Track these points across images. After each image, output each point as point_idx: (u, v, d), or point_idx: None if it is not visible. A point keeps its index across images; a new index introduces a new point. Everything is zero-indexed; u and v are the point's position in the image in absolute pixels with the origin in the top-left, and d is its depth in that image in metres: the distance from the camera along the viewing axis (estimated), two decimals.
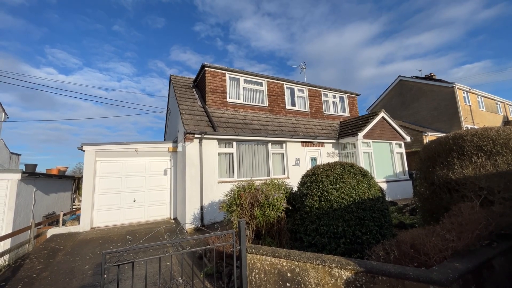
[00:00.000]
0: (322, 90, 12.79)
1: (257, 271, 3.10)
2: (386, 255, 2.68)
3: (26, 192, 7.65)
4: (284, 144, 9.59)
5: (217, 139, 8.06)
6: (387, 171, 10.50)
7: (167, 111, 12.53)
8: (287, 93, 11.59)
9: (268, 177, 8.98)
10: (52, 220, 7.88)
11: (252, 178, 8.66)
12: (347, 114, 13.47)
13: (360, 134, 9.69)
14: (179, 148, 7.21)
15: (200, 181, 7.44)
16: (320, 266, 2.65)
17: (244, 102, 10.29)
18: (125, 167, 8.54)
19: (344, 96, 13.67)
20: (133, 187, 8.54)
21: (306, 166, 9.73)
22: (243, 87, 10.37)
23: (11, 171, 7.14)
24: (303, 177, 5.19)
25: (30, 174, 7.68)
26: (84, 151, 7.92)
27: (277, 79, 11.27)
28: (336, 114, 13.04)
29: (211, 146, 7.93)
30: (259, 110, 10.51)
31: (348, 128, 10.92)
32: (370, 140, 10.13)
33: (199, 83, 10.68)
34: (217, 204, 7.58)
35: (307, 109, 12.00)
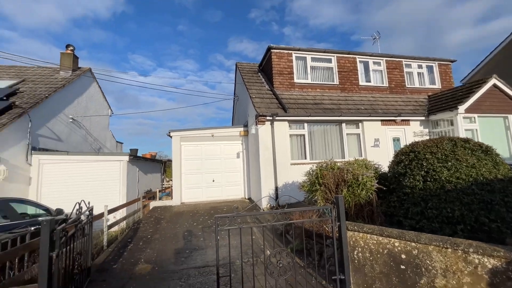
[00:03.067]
0: (403, 60, 10.97)
1: (360, 249, 2.87)
2: None
3: (132, 171, 9.33)
4: (360, 124, 8.73)
5: (288, 120, 7.92)
6: (500, 152, 8.34)
7: (234, 98, 13.08)
8: (360, 67, 10.42)
9: (343, 160, 8.39)
10: (151, 195, 9.46)
11: (325, 161, 8.32)
12: (437, 86, 11.25)
13: (461, 108, 7.91)
14: (252, 131, 7.42)
15: (274, 163, 7.52)
16: (450, 249, 2.22)
17: (312, 82, 9.76)
18: (204, 151, 9.38)
19: (433, 64, 11.41)
20: (211, 168, 9.34)
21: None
22: (310, 66, 9.82)
23: (122, 154, 8.79)
24: (396, 156, 4.57)
25: (134, 157, 9.29)
26: (171, 136, 9.05)
27: (348, 53, 10.22)
28: (423, 87, 11.05)
29: (282, 128, 7.86)
30: (328, 89, 9.82)
31: (442, 102, 9.10)
32: (475, 115, 8.18)
33: (265, 67, 10.65)
34: (291, 186, 7.56)
35: (385, 84, 10.54)
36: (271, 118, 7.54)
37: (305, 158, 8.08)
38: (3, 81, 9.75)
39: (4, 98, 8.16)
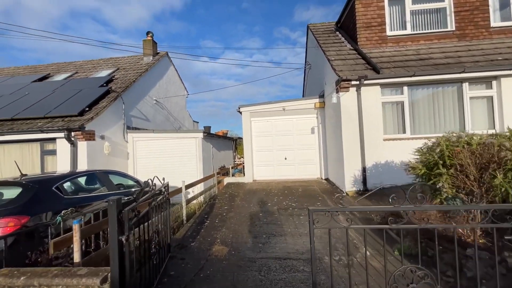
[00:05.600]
0: None
1: None
2: None
3: (207, 148, 9.62)
4: (494, 82, 6.11)
5: (381, 84, 6.20)
6: None
7: (305, 67, 11.66)
8: (491, 2, 7.21)
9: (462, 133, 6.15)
10: (224, 171, 9.63)
11: (432, 136, 6.29)
12: None
13: None
14: (333, 100, 6.15)
15: (360, 138, 6.12)
16: None
17: (413, 32, 7.39)
18: (274, 126, 8.69)
19: None
20: (283, 145, 8.62)
21: None
22: (410, 10, 7.39)
23: (196, 131, 9.07)
24: None
25: (208, 134, 9.49)
26: (241, 112, 8.68)
27: None
28: None
29: (372, 95, 6.22)
30: (438, 39, 7.26)
31: None
32: None
33: (345, 22, 8.74)
34: (384, 167, 6.06)
35: None
36: (357, 82, 6.02)
37: (404, 133, 6.29)
38: (104, 71, 11.38)
39: (104, 84, 9.42)
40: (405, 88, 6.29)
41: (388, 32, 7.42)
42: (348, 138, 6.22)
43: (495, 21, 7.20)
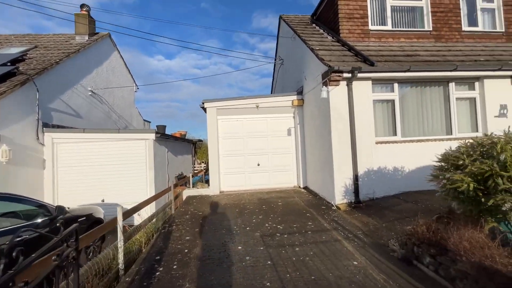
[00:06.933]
0: None
1: None
2: None
3: (160, 152, 7.70)
4: (477, 84, 5.91)
5: (373, 79, 5.43)
6: None
7: (275, 63, 10.64)
8: (462, 5, 7.25)
9: (448, 136, 5.80)
10: (183, 181, 7.83)
11: (421, 138, 5.80)
12: None
13: None
14: (323, 95, 5.13)
15: (352, 141, 5.21)
16: None
17: (394, 29, 6.96)
18: (246, 126, 7.34)
19: None
20: (256, 149, 7.33)
21: None
22: (391, 6, 6.95)
23: (146, 131, 7.13)
24: None
25: (162, 135, 7.59)
26: (205, 109, 7.09)
27: None
28: None
29: (363, 91, 5.41)
30: (417, 38, 6.96)
31: None
32: None
33: (323, 14, 7.97)
34: (377, 174, 5.27)
35: (501, 28, 7.32)
36: (349, 75, 5.10)
37: (395, 135, 5.63)
38: (15, 48, 8.42)
39: (8, 64, 6.72)
40: (396, 85, 5.66)
41: (371, 26, 6.84)
42: (339, 141, 5.25)
43: (465, 26, 7.25)
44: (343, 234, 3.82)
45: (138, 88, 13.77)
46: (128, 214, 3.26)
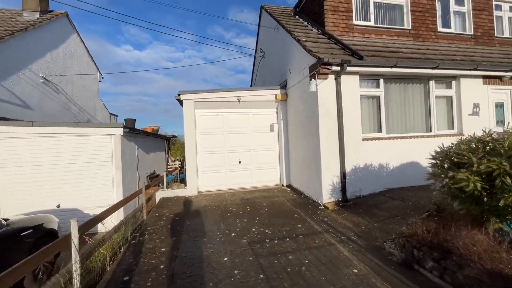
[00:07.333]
0: None
1: None
2: None
3: (129, 149, 6.86)
4: (453, 82, 6.10)
5: (361, 74, 5.28)
6: None
7: (255, 56, 10.20)
8: (438, 7, 7.49)
9: (428, 133, 5.92)
10: (156, 181, 7.08)
11: (404, 135, 5.84)
12: None
13: None
14: (312, 88, 4.84)
15: (340, 137, 5.02)
16: None
17: (376, 25, 6.93)
18: (227, 121, 6.83)
19: None
20: (237, 145, 6.87)
21: (488, 117, 6.14)
22: (373, 2, 6.91)
23: (113, 125, 6.26)
24: None
25: (131, 130, 6.76)
26: (182, 101, 6.43)
27: None
28: None
29: (351, 86, 5.24)
30: (398, 36, 7.02)
31: None
32: None
33: (306, 6, 7.71)
34: (362, 171, 5.16)
35: (469, 31, 7.70)
36: (338, 68, 4.88)
37: (380, 131, 5.58)
38: None
39: None
40: (381, 81, 5.59)
41: (355, 21, 6.72)
42: (327, 137, 5.03)
43: (440, 27, 7.50)
44: (336, 237, 3.58)
45: (103, 78, 12.38)
46: (87, 227, 2.63)
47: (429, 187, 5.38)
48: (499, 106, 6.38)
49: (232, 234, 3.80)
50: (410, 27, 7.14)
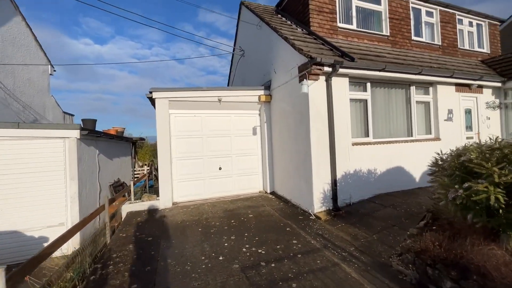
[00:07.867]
0: (456, 13, 8.64)
1: None
2: None
3: (88, 155, 5.80)
4: (430, 89, 6.32)
5: (350, 76, 5.10)
6: None
7: (233, 54, 9.66)
8: (412, 16, 7.81)
9: (410, 138, 6.01)
10: (122, 192, 6.09)
11: (389, 140, 5.84)
12: (485, 50, 9.27)
13: None
14: (304, 89, 4.48)
15: (330, 142, 4.76)
16: None
17: (358, 29, 6.92)
18: (206, 124, 6.19)
19: (482, 23, 9.31)
20: (217, 150, 6.27)
21: (460, 123, 6.47)
22: (355, 6, 6.91)
23: (67, 126, 5.18)
24: None
25: (91, 132, 5.72)
26: (154, 100, 5.62)
27: None
28: (472, 50, 8.96)
29: (341, 88, 5.03)
30: (377, 42, 7.10)
31: None
32: None
33: (289, 5, 7.44)
34: (352, 177, 4.98)
35: (437, 42, 8.18)
36: (329, 69, 4.62)
37: (368, 136, 5.48)
38: None
39: None
40: (368, 85, 5.50)
41: (339, 23, 6.62)
42: (318, 141, 4.73)
43: (414, 35, 7.83)
44: (337, 254, 3.23)
45: (55, 71, 10.70)
46: (22, 273, 1.85)
47: (414, 192, 5.49)
48: (468, 112, 6.79)
49: (220, 258, 3.23)
50: (388, 34, 7.28)
